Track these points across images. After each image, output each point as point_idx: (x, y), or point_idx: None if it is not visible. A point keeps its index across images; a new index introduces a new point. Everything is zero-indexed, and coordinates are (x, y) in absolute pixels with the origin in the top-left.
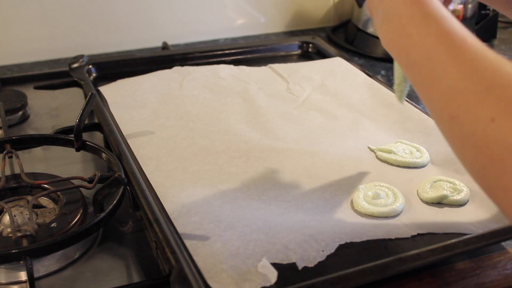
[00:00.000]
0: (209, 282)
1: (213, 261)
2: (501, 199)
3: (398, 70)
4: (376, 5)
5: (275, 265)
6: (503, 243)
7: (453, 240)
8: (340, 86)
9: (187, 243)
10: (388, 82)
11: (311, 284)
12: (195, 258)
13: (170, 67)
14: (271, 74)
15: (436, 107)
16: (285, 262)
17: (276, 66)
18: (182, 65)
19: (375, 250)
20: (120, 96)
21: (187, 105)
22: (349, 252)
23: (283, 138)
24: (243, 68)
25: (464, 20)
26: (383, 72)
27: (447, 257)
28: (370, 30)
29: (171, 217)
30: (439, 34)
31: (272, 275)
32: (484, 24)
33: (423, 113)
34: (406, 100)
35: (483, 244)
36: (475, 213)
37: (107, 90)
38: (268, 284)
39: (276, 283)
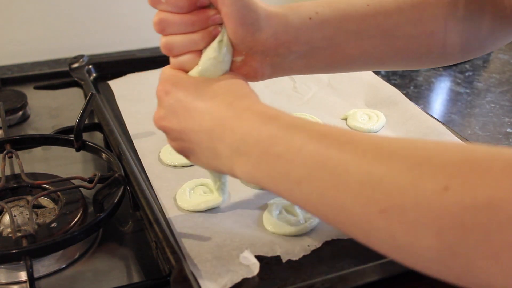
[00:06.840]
0: (193, 269)
1: (198, 249)
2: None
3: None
4: (205, 145)
5: (259, 258)
6: None
7: None
8: (347, 86)
9: (176, 231)
10: (389, 82)
11: (311, 284)
12: (182, 244)
13: None
14: None
15: (355, 211)
16: (269, 255)
17: None
18: None
19: (361, 247)
20: (127, 89)
21: None
22: (335, 249)
23: None
24: None
25: None
26: (383, 72)
27: None
28: None
29: (163, 208)
30: (315, 139)
31: (254, 267)
32: None
33: (424, 114)
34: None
35: None
36: None
37: (116, 84)
38: (250, 276)
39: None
